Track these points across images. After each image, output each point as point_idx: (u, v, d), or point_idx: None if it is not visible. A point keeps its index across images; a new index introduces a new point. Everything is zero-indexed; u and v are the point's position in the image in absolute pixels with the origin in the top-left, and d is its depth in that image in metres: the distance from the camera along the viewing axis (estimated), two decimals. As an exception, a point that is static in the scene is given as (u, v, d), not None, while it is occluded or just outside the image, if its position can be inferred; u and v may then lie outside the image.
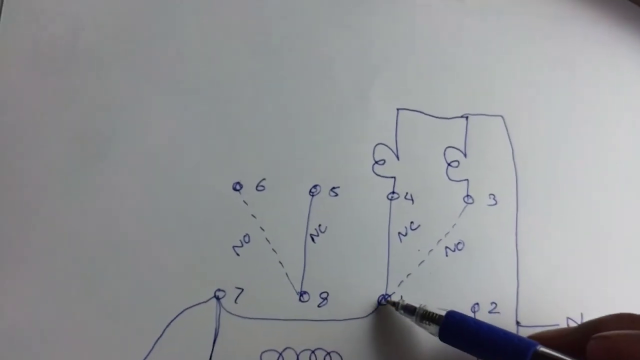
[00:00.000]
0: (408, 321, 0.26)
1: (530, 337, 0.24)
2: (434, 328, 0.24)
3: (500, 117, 0.30)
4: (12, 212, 0.26)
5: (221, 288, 0.26)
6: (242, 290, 0.26)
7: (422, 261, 0.27)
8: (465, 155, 0.29)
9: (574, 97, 0.31)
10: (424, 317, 0.25)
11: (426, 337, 0.26)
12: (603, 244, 0.29)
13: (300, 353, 0.26)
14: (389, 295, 0.27)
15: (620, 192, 0.30)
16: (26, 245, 0.26)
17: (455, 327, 0.24)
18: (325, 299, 0.26)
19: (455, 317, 0.24)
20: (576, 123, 0.31)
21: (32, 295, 0.25)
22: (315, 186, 0.28)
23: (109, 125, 0.28)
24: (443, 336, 0.24)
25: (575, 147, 0.30)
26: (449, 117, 0.30)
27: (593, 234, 0.29)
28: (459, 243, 0.28)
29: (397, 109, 0.29)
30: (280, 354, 0.26)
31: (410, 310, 0.25)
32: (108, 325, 0.25)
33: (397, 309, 0.26)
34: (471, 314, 0.27)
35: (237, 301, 0.26)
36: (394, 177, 0.28)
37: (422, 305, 0.25)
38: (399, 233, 0.28)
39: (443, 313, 0.24)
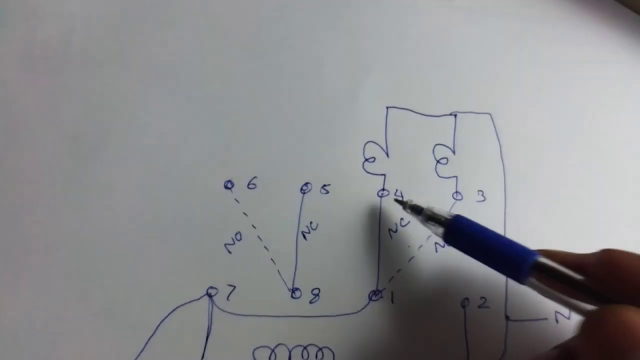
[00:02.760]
0: (399, 316, 0.26)
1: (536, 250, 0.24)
2: (440, 229, 0.25)
3: (488, 115, 0.30)
4: (7, 210, 0.26)
5: (213, 285, 0.26)
6: (234, 287, 0.26)
7: (412, 257, 0.28)
8: (454, 152, 0.29)
9: (561, 96, 0.32)
10: (431, 218, 0.25)
11: (416, 332, 0.26)
12: (591, 239, 0.29)
13: (292, 349, 0.26)
14: (379, 291, 0.27)
15: (609, 187, 0.30)
16: (20, 244, 0.26)
17: (460, 231, 0.24)
18: (317, 295, 0.27)
19: (462, 222, 0.24)
20: (563, 120, 0.31)
21: (26, 293, 0.25)
22: (306, 184, 0.28)
23: (102, 125, 0.28)
24: (447, 238, 0.25)
25: (563, 144, 0.31)
26: (437, 115, 0.30)
27: (581, 229, 0.29)
28: (448, 239, 0.28)
29: (387, 107, 0.30)
30: (273, 350, 0.26)
31: (417, 210, 0.26)
32: (101, 323, 0.25)
33: (404, 208, 0.27)
34: (461, 309, 0.27)
35: (230, 298, 0.26)
36: (384, 175, 0.29)
37: (429, 207, 0.25)
38: (389, 230, 0.28)
39: (449, 217, 0.25)
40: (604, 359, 0.17)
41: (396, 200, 0.27)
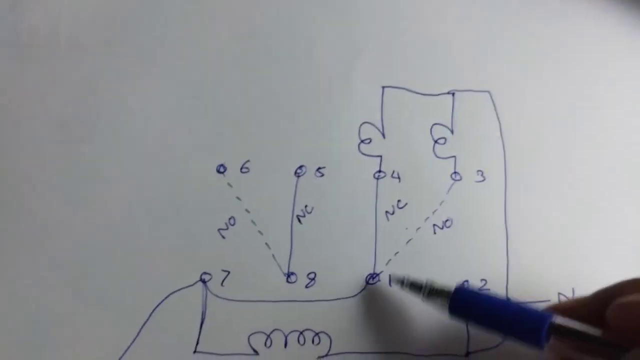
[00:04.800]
0: (396, 299, 0.26)
1: (545, 309, 0.23)
2: (443, 303, 0.23)
3: (487, 93, 0.29)
4: (-6, 199, 0.26)
5: (207, 271, 0.26)
6: (229, 273, 0.26)
7: (410, 239, 0.27)
8: (452, 131, 0.29)
9: (561, 72, 0.31)
10: (432, 293, 0.24)
11: (414, 315, 0.26)
12: (593, 218, 0.28)
13: (288, 334, 0.25)
14: (376, 274, 0.26)
15: (609, 166, 0.29)
16: (12, 232, 0.26)
17: (465, 302, 0.23)
18: (313, 279, 0.26)
19: (465, 292, 0.23)
20: (564, 97, 0.30)
21: (20, 282, 0.25)
22: (300, 167, 0.27)
23: (91, 112, 0.28)
24: (453, 311, 0.23)
25: (564, 122, 0.30)
26: (435, 93, 0.29)
27: (582, 208, 0.28)
28: (447, 220, 0.27)
29: (383, 87, 0.29)
30: (269, 336, 0.25)
31: (417, 286, 0.24)
32: (95, 310, 0.25)
33: (402, 287, 0.25)
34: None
35: (224, 284, 0.26)
36: (380, 156, 0.28)
37: (429, 281, 0.24)
38: (386, 212, 0.27)
39: (451, 288, 0.23)
40: None
41: (393, 279, 0.26)
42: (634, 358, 0.18)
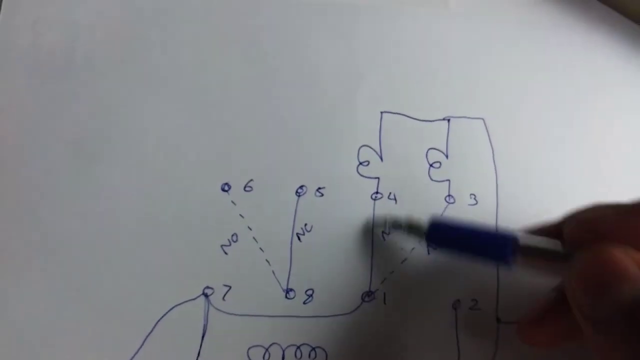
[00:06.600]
0: (390, 317, 0.27)
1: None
2: (421, 235, 0.26)
3: (481, 120, 0.31)
4: (9, 212, 0.27)
5: (210, 285, 0.27)
6: (230, 287, 0.27)
7: (405, 259, 0.28)
8: (447, 156, 0.30)
9: (554, 101, 0.32)
10: (411, 227, 0.26)
11: (407, 333, 0.27)
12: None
13: (286, 348, 0.26)
14: (372, 292, 0.27)
15: (601, 193, 0.31)
16: (22, 245, 0.27)
17: (440, 231, 0.25)
18: (311, 296, 0.27)
19: (438, 220, 0.26)
20: (556, 126, 0.31)
21: (28, 294, 0.26)
22: (301, 187, 0.29)
23: (104, 130, 0.29)
24: (430, 239, 0.25)
25: (555, 149, 0.31)
26: (431, 119, 0.30)
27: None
28: (440, 241, 0.28)
29: (382, 112, 0.30)
30: (267, 350, 0.26)
31: (397, 225, 0.27)
32: (101, 321, 0.26)
33: (384, 230, 0.28)
34: (452, 311, 0.28)
35: (225, 298, 0.27)
36: (378, 178, 0.29)
37: (406, 217, 0.27)
38: (382, 232, 0.28)
39: (426, 222, 0.26)
40: (588, 293, 0.17)
41: (380, 228, 0.28)
42: (577, 261, 0.18)
